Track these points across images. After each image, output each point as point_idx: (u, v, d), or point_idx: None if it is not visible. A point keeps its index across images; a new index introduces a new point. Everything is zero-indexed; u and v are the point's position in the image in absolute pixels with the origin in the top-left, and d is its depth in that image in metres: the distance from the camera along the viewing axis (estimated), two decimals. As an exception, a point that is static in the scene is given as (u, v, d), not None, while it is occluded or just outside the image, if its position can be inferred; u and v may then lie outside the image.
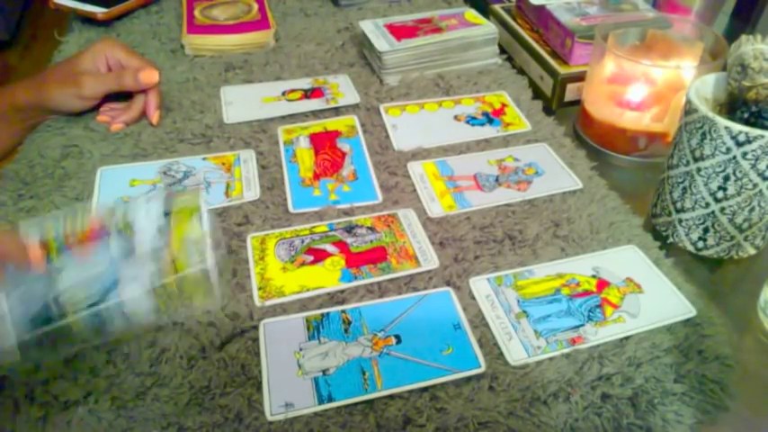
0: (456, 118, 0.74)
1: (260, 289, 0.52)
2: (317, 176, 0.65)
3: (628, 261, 0.55)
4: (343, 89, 0.78)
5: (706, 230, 0.55)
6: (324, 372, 0.46)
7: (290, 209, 0.61)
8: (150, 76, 0.69)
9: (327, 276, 0.53)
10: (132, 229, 0.44)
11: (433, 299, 0.52)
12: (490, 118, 0.74)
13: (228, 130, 0.71)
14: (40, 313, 0.41)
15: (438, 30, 0.81)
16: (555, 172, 0.65)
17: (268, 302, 0.51)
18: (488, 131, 0.71)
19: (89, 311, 0.42)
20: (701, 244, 0.56)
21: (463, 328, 0.49)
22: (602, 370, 0.46)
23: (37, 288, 0.41)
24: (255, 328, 0.49)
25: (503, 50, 0.86)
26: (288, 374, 0.46)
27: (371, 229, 0.58)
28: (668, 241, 0.59)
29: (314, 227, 0.58)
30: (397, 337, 0.48)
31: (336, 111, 0.75)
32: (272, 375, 0.46)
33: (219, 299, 0.47)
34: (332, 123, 0.73)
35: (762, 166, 0.49)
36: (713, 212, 0.54)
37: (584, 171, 0.65)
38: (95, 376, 0.46)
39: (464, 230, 0.58)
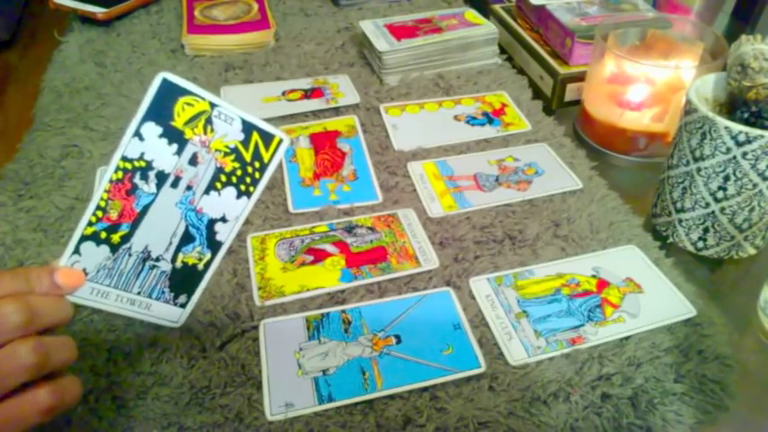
0: (456, 118, 0.74)
1: (260, 289, 0.52)
2: (317, 176, 0.65)
3: (628, 261, 0.55)
4: (343, 89, 0.78)
5: (706, 230, 0.55)
6: (324, 372, 0.46)
7: (290, 209, 0.61)
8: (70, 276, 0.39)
9: (327, 276, 0.53)
10: (146, 161, 0.40)
11: (433, 299, 0.52)
12: (490, 118, 0.74)
13: (228, 130, 0.71)
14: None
15: (438, 30, 0.81)
16: (555, 172, 0.65)
17: (268, 302, 0.51)
18: (488, 131, 0.71)
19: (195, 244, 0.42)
20: (701, 244, 0.56)
21: (463, 328, 0.49)
22: (602, 370, 0.46)
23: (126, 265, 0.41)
24: (255, 328, 0.49)
25: (503, 50, 0.86)
26: (288, 374, 0.46)
27: (371, 229, 0.58)
28: (668, 241, 0.59)
29: (314, 227, 0.58)
30: (397, 337, 0.48)
31: (336, 111, 0.75)
32: (272, 375, 0.46)
33: (282, 134, 0.43)
34: (332, 123, 0.73)
35: (762, 166, 0.49)
36: (713, 212, 0.54)
37: (584, 171, 0.65)
38: (96, 375, 0.46)
39: (464, 230, 0.58)
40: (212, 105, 0.40)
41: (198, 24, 0.88)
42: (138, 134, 0.40)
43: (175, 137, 0.40)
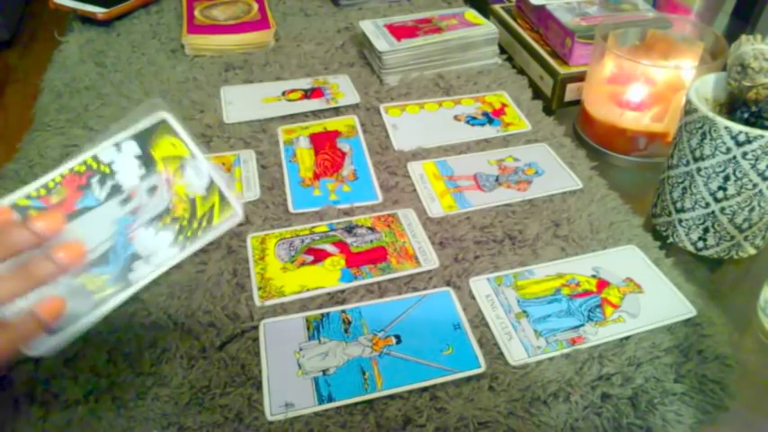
0: (456, 118, 0.74)
1: (260, 289, 0.52)
2: (316, 176, 0.65)
3: (628, 261, 0.55)
4: (343, 89, 0.78)
5: (706, 230, 0.55)
6: (324, 372, 0.46)
7: (290, 209, 0.61)
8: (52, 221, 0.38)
9: (327, 276, 0.53)
10: (112, 170, 0.41)
11: (433, 299, 0.52)
12: (490, 118, 0.74)
13: (228, 130, 0.71)
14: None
15: (438, 30, 0.81)
16: (555, 172, 0.65)
17: (268, 302, 0.51)
18: (488, 131, 0.71)
19: (107, 269, 0.40)
20: (701, 244, 0.56)
21: (463, 328, 0.49)
22: (602, 370, 0.46)
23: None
24: (255, 328, 0.49)
25: (503, 50, 0.86)
26: (288, 374, 0.46)
27: (371, 229, 0.58)
28: (668, 241, 0.59)
29: (314, 227, 0.58)
30: (397, 337, 0.48)
31: (336, 111, 0.75)
32: (272, 375, 0.46)
33: (240, 208, 0.43)
34: (332, 123, 0.73)
35: (762, 166, 0.49)
36: (713, 212, 0.54)
37: (584, 171, 0.65)
38: (96, 375, 0.46)
39: (464, 230, 0.58)
40: (192, 156, 0.42)
41: (198, 24, 0.88)
42: (117, 145, 0.41)
43: (148, 163, 0.42)
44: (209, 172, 0.43)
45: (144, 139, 0.42)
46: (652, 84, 0.67)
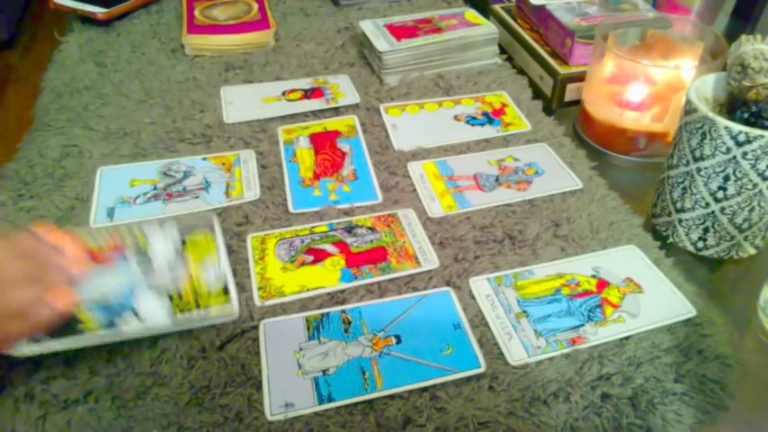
0: (456, 118, 0.74)
1: (260, 289, 0.52)
2: (317, 176, 0.65)
3: (628, 261, 0.55)
4: (343, 89, 0.78)
5: (706, 230, 0.55)
6: (324, 372, 0.46)
7: (290, 209, 0.61)
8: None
9: (327, 276, 0.53)
10: (150, 247, 0.48)
11: (433, 299, 0.52)
12: (490, 118, 0.74)
13: (228, 130, 0.71)
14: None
15: (438, 30, 0.81)
16: (555, 172, 0.65)
17: (268, 302, 0.51)
18: (488, 131, 0.71)
19: (104, 313, 0.45)
20: (701, 244, 0.56)
21: (463, 327, 0.49)
22: (602, 370, 0.46)
23: None
24: (255, 328, 0.49)
25: (503, 50, 0.86)
26: (288, 374, 0.46)
27: (371, 229, 0.58)
28: (668, 241, 0.59)
29: (314, 227, 0.58)
30: (397, 337, 0.48)
31: (336, 111, 0.75)
32: (272, 375, 0.46)
33: (237, 309, 0.49)
34: (332, 123, 0.73)
35: (762, 166, 0.49)
36: (713, 212, 0.54)
37: (584, 171, 0.65)
38: (96, 375, 0.46)
39: (464, 230, 0.58)
40: (218, 260, 0.50)
41: (198, 24, 0.88)
42: (161, 222, 0.50)
43: (178, 245, 0.49)
44: (225, 278, 0.49)
45: (185, 226, 0.51)
46: (652, 84, 0.67)
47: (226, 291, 0.48)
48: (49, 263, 0.44)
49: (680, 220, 0.57)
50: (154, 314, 0.46)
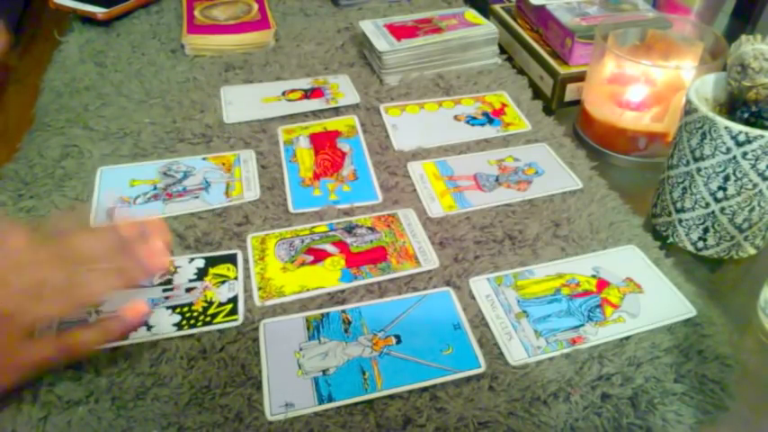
0: (456, 118, 0.74)
1: (260, 289, 0.52)
2: (317, 176, 0.65)
3: (628, 261, 0.55)
4: (343, 89, 0.78)
5: (706, 230, 0.55)
6: (324, 372, 0.46)
7: (290, 209, 0.61)
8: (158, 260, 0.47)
9: (327, 276, 0.53)
10: (176, 270, 0.54)
11: (433, 299, 0.52)
12: (490, 118, 0.74)
13: (228, 130, 0.71)
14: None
15: (438, 30, 0.81)
16: (555, 172, 0.65)
17: (268, 302, 0.51)
18: (488, 131, 0.71)
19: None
20: (701, 244, 0.56)
21: (463, 328, 0.49)
22: (602, 370, 0.46)
23: None
24: (255, 328, 0.49)
25: (503, 50, 0.86)
26: (288, 374, 0.46)
27: (371, 229, 0.58)
28: (668, 241, 0.59)
29: (314, 227, 0.58)
30: (397, 337, 0.48)
31: (336, 111, 0.75)
32: (272, 375, 0.46)
33: (242, 317, 0.50)
34: (332, 123, 0.73)
35: (762, 166, 0.49)
36: (713, 212, 0.54)
37: (584, 171, 0.65)
38: (97, 376, 0.46)
39: (464, 230, 0.58)
40: (236, 278, 0.53)
41: (198, 24, 0.88)
42: (192, 259, 0.55)
43: (201, 275, 0.53)
44: (237, 292, 0.52)
45: (212, 261, 0.55)
46: (652, 84, 0.67)
47: (234, 306, 0.51)
48: (130, 261, 0.45)
49: (680, 220, 0.57)
50: (163, 325, 0.49)
